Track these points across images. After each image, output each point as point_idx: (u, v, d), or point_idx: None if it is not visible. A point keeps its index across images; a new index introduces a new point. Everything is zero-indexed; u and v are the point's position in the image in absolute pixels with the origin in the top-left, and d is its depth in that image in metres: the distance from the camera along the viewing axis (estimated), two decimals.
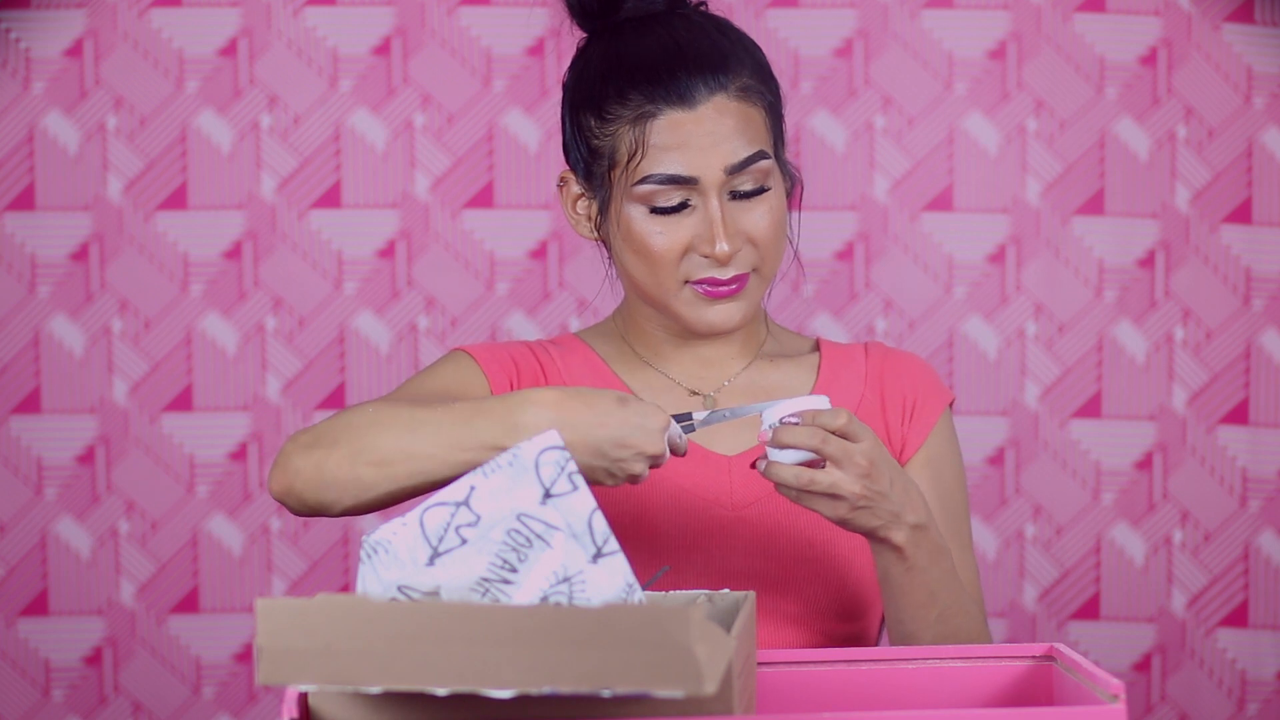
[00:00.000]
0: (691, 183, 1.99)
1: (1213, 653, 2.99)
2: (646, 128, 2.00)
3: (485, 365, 2.08)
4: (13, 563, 2.96)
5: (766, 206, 2.02)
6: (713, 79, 2.00)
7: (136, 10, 2.93)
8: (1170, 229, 2.97)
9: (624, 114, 2.01)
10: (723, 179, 2.00)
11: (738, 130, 2.00)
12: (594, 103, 2.04)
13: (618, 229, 2.04)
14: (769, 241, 2.03)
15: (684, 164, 1.99)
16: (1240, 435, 2.97)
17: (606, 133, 2.03)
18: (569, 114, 2.09)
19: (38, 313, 2.95)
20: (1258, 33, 2.94)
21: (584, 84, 2.06)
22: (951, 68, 2.97)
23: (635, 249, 2.02)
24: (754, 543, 2.03)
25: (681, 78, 2.00)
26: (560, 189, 2.12)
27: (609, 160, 2.03)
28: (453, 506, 1.62)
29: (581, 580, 1.59)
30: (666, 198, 2.00)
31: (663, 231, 2.01)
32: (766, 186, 2.03)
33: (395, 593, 1.59)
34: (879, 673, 1.77)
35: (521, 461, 1.62)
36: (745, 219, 2.01)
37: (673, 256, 2.01)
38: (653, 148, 1.99)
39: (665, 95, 2.00)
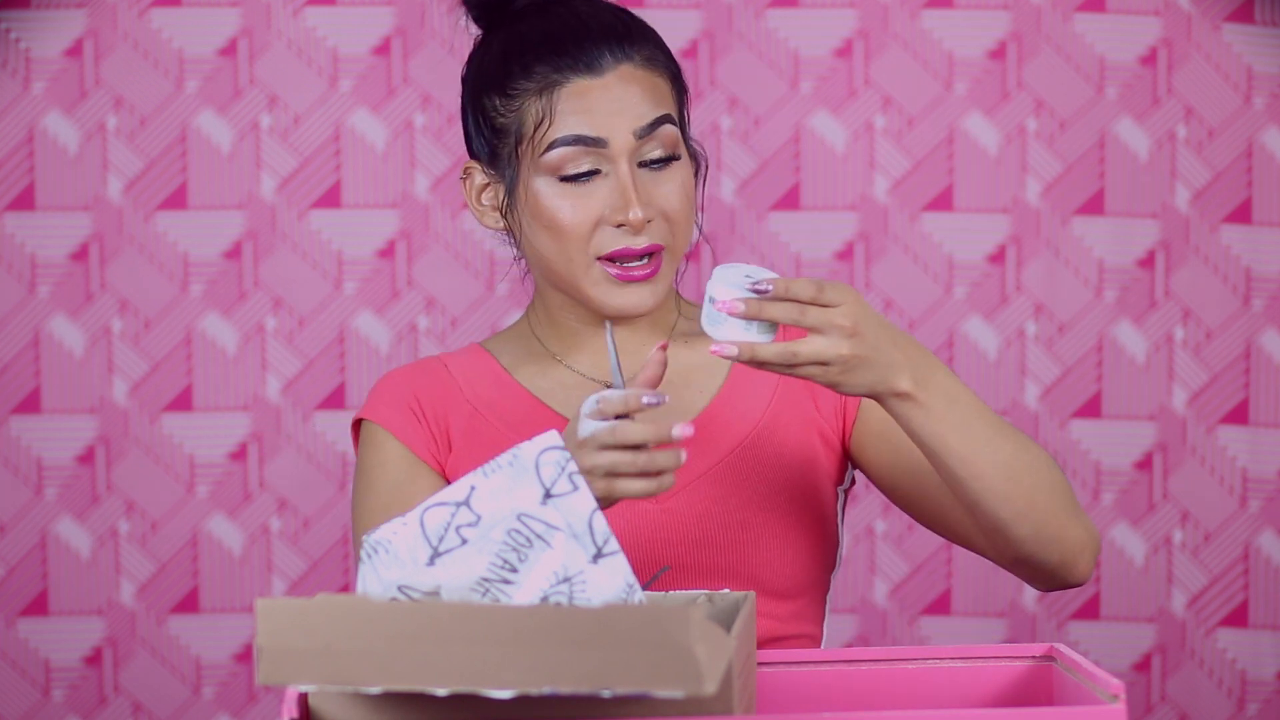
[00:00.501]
0: (600, 145, 1.97)
1: (1213, 653, 2.99)
2: (553, 95, 1.99)
3: (398, 434, 2.06)
4: (13, 563, 2.97)
5: (678, 180, 2.00)
6: (618, 48, 2.00)
7: (136, 10, 2.93)
8: (1170, 229, 2.97)
9: (529, 86, 2.00)
10: (632, 144, 1.98)
11: (644, 96, 1.99)
12: (498, 82, 2.03)
13: (526, 208, 2.02)
14: (680, 215, 2.00)
15: (591, 126, 1.97)
16: (1240, 435, 2.97)
17: (512, 108, 2.01)
18: (470, 103, 2.07)
19: (38, 313, 2.95)
20: (1258, 33, 2.94)
21: (486, 69, 2.05)
22: (951, 68, 2.97)
23: (545, 223, 2.00)
24: (685, 532, 2.00)
25: (587, 46, 1.99)
26: (463, 183, 2.09)
27: (515, 135, 2.01)
28: (453, 506, 1.62)
29: (582, 580, 1.59)
30: (575, 164, 1.98)
31: (572, 204, 1.98)
32: (676, 155, 2.01)
33: (395, 593, 1.59)
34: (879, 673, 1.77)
35: (522, 461, 1.62)
36: (656, 191, 1.99)
37: (583, 230, 1.98)
38: (559, 114, 1.98)
39: (571, 64, 1.99)
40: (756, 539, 2.01)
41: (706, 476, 2.01)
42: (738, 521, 2.01)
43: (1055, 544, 1.89)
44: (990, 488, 1.85)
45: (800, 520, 2.02)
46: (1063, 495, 1.89)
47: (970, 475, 1.84)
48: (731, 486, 2.01)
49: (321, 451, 2.97)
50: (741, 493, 2.00)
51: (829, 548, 2.07)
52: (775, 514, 2.02)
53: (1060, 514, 1.88)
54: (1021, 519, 1.87)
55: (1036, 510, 1.87)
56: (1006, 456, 1.84)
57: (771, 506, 2.00)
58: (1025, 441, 1.87)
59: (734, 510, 2.01)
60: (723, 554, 2.00)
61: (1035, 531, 1.87)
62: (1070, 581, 1.93)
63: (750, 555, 2.00)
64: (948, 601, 2.99)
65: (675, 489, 2.01)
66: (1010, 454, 1.84)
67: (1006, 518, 1.87)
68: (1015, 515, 1.86)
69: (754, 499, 2.00)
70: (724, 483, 2.01)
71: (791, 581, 2.03)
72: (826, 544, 2.06)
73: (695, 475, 2.01)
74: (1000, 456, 1.84)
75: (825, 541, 2.05)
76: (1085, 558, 1.91)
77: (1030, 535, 1.87)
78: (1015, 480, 1.85)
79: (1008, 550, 1.91)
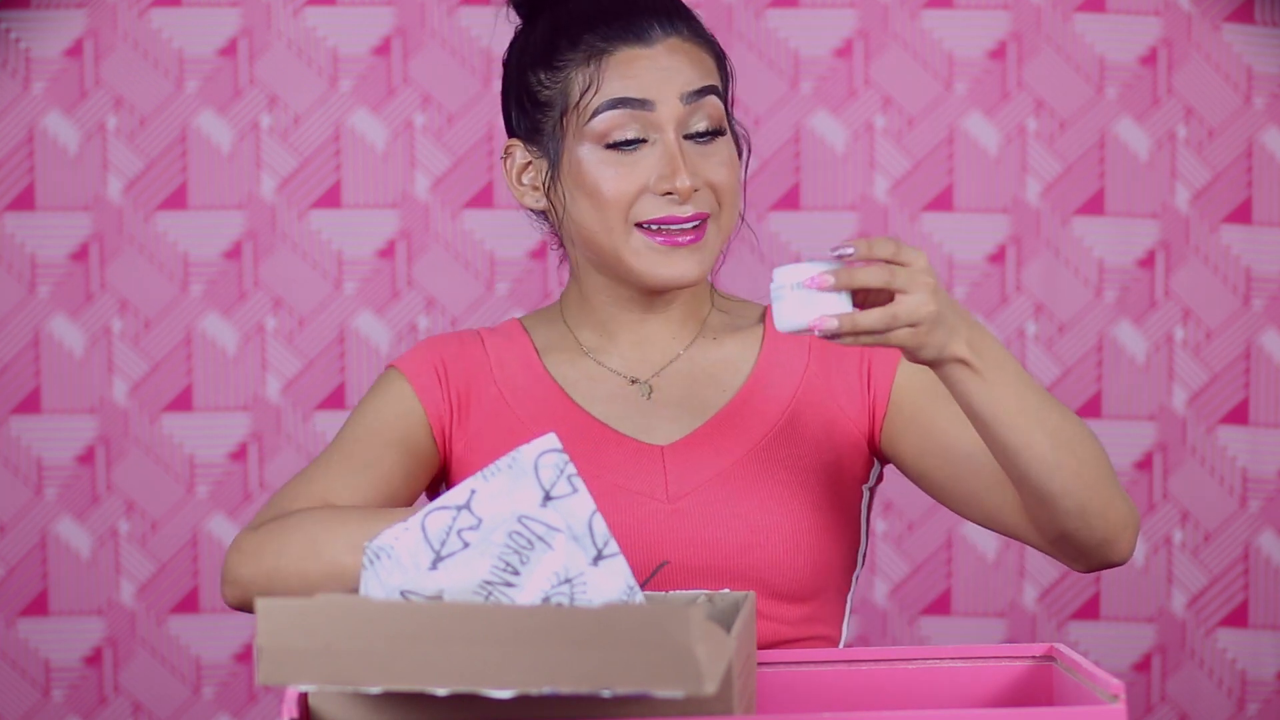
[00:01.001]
0: (646, 107, 1.96)
1: (1213, 653, 2.99)
2: (601, 62, 1.97)
3: (416, 385, 2.06)
4: (13, 563, 2.97)
5: (724, 154, 1.99)
6: (666, 20, 1.99)
7: (136, 10, 2.93)
8: (1170, 229, 2.97)
9: (576, 57, 1.99)
10: (679, 110, 1.97)
11: (691, 65, 1.99)
12: (544, 57, 2.01)
13: (568, 179, 2.00)
14: (727, 188, 1.99)
15: (638, 89, 1.96)
16: (1240, 435, 2.97)
17: (557, 80, 2.00)
18: (513, 82, 2.05)
19: (38, 313, 2.95)
20: (1258, 33, 2.95)
21: (531, 47, 2.03)
22: (951, 68, 2.97)
23: (587, 191, 1.98)
24: (695, 533, 1.98)
25: (635, 17, 1.99)
26: (503, 163, 2.07)
27: (560, 106, 1.99)
28: (454, 510, 1.62)
29: (583, 582, 1.59)
30: (622, 130, 1.96)
31: (617, 171, 1.96)
32: (722, 130, 2.00)
33: (398, 598, 1.59)
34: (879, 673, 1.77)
35: (521, 464, 1.62)
36: (703, 163, 1.98)
37: (626, 198, 1.96)
38: (606, 80, 1.97)
39: (620, 33, 1.98)
40: (766, 542, 1.98)
41: (720, 476, 1.99)
42: (748, 524, 1.98)
43: (1100, 519, 1.87)
44: (1041, 456, 1.83)
45: (815, 523, 2.00)
46: (1106, 469, 1.87)
47: (1023, 444, 1.82)
48: (745, 487, 1.99)
49: (321, 451, 2.97)
50: (756, 494, 1.99)
51: (848, 549, 2.04)
52: (789, 517, 1.99)
53: (1104, 488, 1.86)
54: (1069, 492, 1.85)
55: (1083, 482, 1.85)
56: (1054, 426, 1.83)
57: (785, 509, 1.98)
58: (1067, 412, 1.86)
59: (745, 512, 1.99)
60: (731, 557, 1.98)
61: (1082, 505, 1.85)
62: (1111, 559, 1.91)
63: (759, 558, 1.98)
64: (948, 601, 2.99)
65: (687, 488, 2.00)
66: (1057, 424, 1.83)
67: (1055, 490, 1.85)
68: (1063, 488, 1.84)
69: (767, 501, 1.98)
70: (738, 483, 1.99)
71: (802, 585, 2.00)
72: (845, 545, 2.03)
73: (709, 475, 2.00)
74: (1049, 425, 1.82)
75: (843, 543, 2.03)
76: (1127, 535, 1.89)
77: (1076, 509, 1.86)
78: (1064, 450, 1.83)
79: (1052, 526, 1.88)
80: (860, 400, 2.05)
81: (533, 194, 2.05)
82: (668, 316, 2.06)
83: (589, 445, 2.00)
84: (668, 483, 2.00)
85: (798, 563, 1.99)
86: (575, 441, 2.00)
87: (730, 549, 1.98)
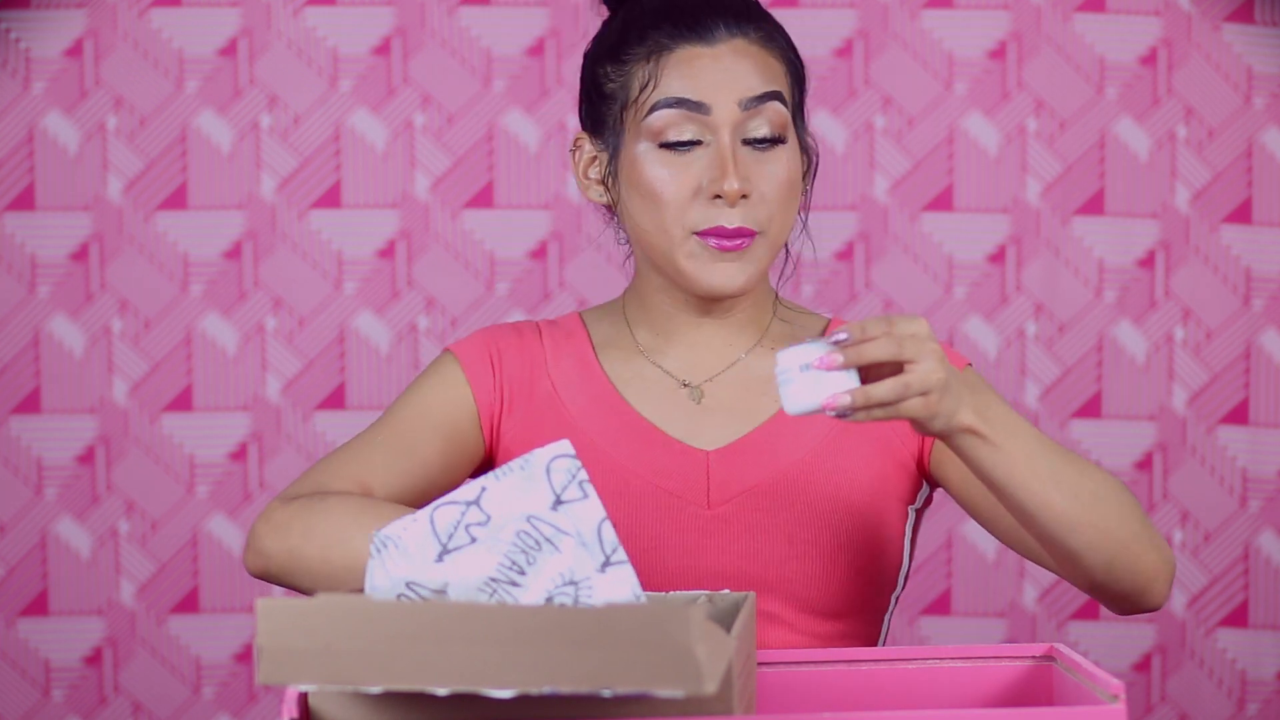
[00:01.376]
0: (702, 110, 1.92)
1: (1213, 653, 2.99)
2: (661, 59, 1.94)
3: (469, 371, 2.05)
4: (13, 563, 2.97)
5: (782, 162, 1.95)
6: (734, 23, 1.96)
7: (136, 10, 2.93)
8: (1170, 229, 2.97)
9: (640, 52, 1.96)
10: (736, 115, 1.93)
11: (755, 69, 1.95)
12: (612, 50, 1.98)
13: (625, 177, 1.97)
14: (778, 199, 1.95)
15: (695, 90, 1.93)
16: (1240, 435, 2.97)
17: (621, 74, 1.97)
18: (586, 73, 2.03)
19: (38, 313, 2.95)
20: (1258, 33, 2.94)
21: (604, 39, 2.01)
22: (951, 68, 2.97)
23: (643, 192, 1.95)
24: (733, 542, 1.97)
25: (702, 15, 1.95)
26: (573, 155, 2.04)
27: (621, 100, 1.97)
28: (463, 505, 1.62)
29: (589, 586, 1.59)
30: (678, 130, 1.93)
31: (670, 173, 1.93)
32: (783, 138, 1.95)
33: (403, 588, 1.59)
34: (879, 673, 1.77)
35: (533, 467, 1.62)
36: (757, 169, 1.94)
37: (680, 200, 1.93)
38: (665, 78, 1.94)
39: (684, 32, 1.95)
40: (804, 555, 1.97)
41: (762, 486, 1.97)
42: (785, 536, 1.97)
43: (1128, 572, 1.84)
44: (1060, 518, 1.81)
45: (854, 540, 1.98)
46: (1134, 521, 1.84)
47: (1039, 507, 1.80)
48: (785, 499, 1.97)
49: (322, 451, 2.97)
50: (795, 506, 1.97)
51: (888, 569, 2.01)
52: (826, 531, 1.97)
53: (1133, 542, 1.83)
54: (1094, 549, 1.82)
55: (1108, 539, 1.82)
56: (1073, 484, 1.80)
57: (824, 524, 1.96)
58: (1089, 467, 1.83)
59: (783, 524, 1.97)
60: (766, 567, 1.97)
61: (1109, 560, 1.83)
62: (1144, 608, 1.88)
63: (794, 571, 1.97)
64: (948, 601, 2.99)
65: (728, 495, 1.98)
66: (1076, 482, 1.81)
67: (1078, 548, 1.82)
68: (1087, 545, 1.82)
69: (806, 514, 1.96)
70: (779, 495, 1.97)
71: (836, 601, 1.98)
72: (884, 565, 2.01)
73: (751, 484, 1.98)
74: (1067, 485, 1.80)
75: (882, 562, 2.00)
76: (1159, 584, 1.87)
77: (1103, 564, 1.83)
78: (1085, 509, 1.81)
79: (1082, 578, 1.86)
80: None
81: (597, 188, 2.03)
82: (725, 322, 2.03)
83: (636, 445, 1.99)
84: (710, 488, 1.98)
85: (833, 579, 1.98)
86: (623, 440, 1.99)
87: (766, 560, 1.97)
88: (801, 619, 1.98)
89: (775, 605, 1.98)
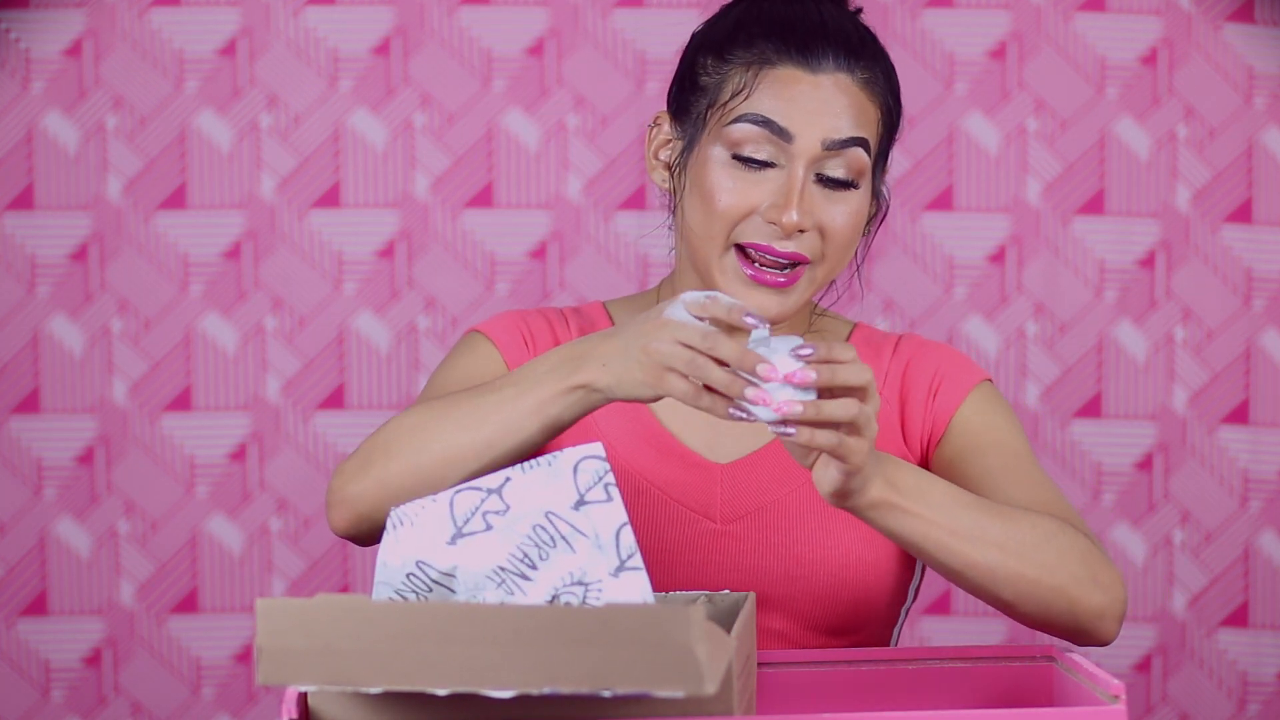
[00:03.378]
0: (785, 138, 1.89)
1: (1213, 653, 2.99)
2: (761, 72, 1.91)
3: (501, 346, 2.03)
4: (12, 563, 2.96)
5: (851, 206, 1.93)
6: (843, 57, 1.92)
7: (136, 10, 2.93)
8: (1170, 229, 2.97)
9: (744, 56, 1.93)
10: (817, 151, 1.90)
11: (849, 110, 1.91)
12: (718, 44, 1.95)
13: (691, 172, 1.94)
14: (839, 238, 1.92)
15: (784, 115, 1.90)
16: (1241, 435, 2.97)
17: (719, 70, 1.94)
18: (689, 55, 2.00)
19: (37, 313, 2.95)
20: (1258, 33, 2.94)
21: (715, 29, 1.98)
22: (951, 68, 2.97)
23: (702, 194, 1.92)
24: (740, 559, 1.96)
25: (814, 42, 1.92)
26: (650, 130, 2.01)
27: (711, 96, 1.94)
28: (484, 493, 1.61)
29: (599, 588, 1.58)
30: (756, 147, 1.90)
31: (735, 184, 1.90)
32: (857, 184, 1.93)
33: (413, 567, 1.59)
34: (879, 673, 1.77)
35: (560, 464, 1.62)
36: (825, 207, 1.91)
37: (735, 213, 1.90)
38: (759, 91, 1.91)
39: (791, 52, 1.91)
40: (810, 574, 1.96)
41: (773, 503, 1.97)
42: (793, 555, 1.96)
43: (1066, 615, 1.83)
44: (987, 573, 1.80)
45: (863, 558, 1.96)
46: (1072, 564, 1.82)
47: (964, 565, 1.79)
48: (796, 517, 1.96)
49: (321, 451, 2.97)
50: (806, 525, 1.96)
51: (897, 584, 2.00)
52: (835, 549, 1.96)
53: (1068, 587, 1.82)
54: (1025, 598, 1.81)
55: (1040, 588, 1.81)
56: (997, 539, 1.79)
57: (833, 542, 1.96)
58: (1018, 518, 1.81)
59: (792, 543, 1.96)
60: (773, 585, 1.96)
61: (1043, 607, 1.82)
62: (1092, 643, 1.87)
63: (801, 590, 1.96)
64: (948, 601, 2.99)
65: (739, 512, 1.97)
66: (1001, 536, 1.79)
67: (1009, 599, 1.82)
68: (1017, 595, 1.81)
69: (816, 533, 1.95)
70: (789, 512, 1.96)
71: (844, 620, 1.97)
72: (894, 581, 2.00)
73: (762, 501, 1.97)
74: (991, 541, 1.79)
75: (892, 578, 1.99)
76: (1104, 623, 1.85)
77: (1038, 611, 1.82)
78: (1012, 560, 1.79)
79: (1023, 621, 1.85)
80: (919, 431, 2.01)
81: (662, 171, 2.00)
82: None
83: (652, 454, 1.98)
84: (721, 503, 1.97)
85: (840, 598, 1.96)
86: (639, 448, 1.98)
87: (773, 578, 1.95)
88: (808, 637, 1.97)
89: (781, 623, 1.97)
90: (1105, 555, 1.85)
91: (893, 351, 2.05)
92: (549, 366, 1.78)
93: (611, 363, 1.74)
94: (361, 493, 1.82)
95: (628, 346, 1.73)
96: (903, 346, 2.06)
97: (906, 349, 2.05)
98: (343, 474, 1.84)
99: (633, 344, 1.72)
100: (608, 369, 1.74)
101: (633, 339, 1.72)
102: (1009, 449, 1.97)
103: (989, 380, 2.03)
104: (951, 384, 2.01)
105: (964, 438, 1.98)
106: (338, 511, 1.84)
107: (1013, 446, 1.97)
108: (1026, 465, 1.96)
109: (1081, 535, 1.84)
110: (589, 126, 2.96)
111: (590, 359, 1.75)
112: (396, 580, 1.61)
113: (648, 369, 1.70)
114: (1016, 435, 1.99)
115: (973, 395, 2.01)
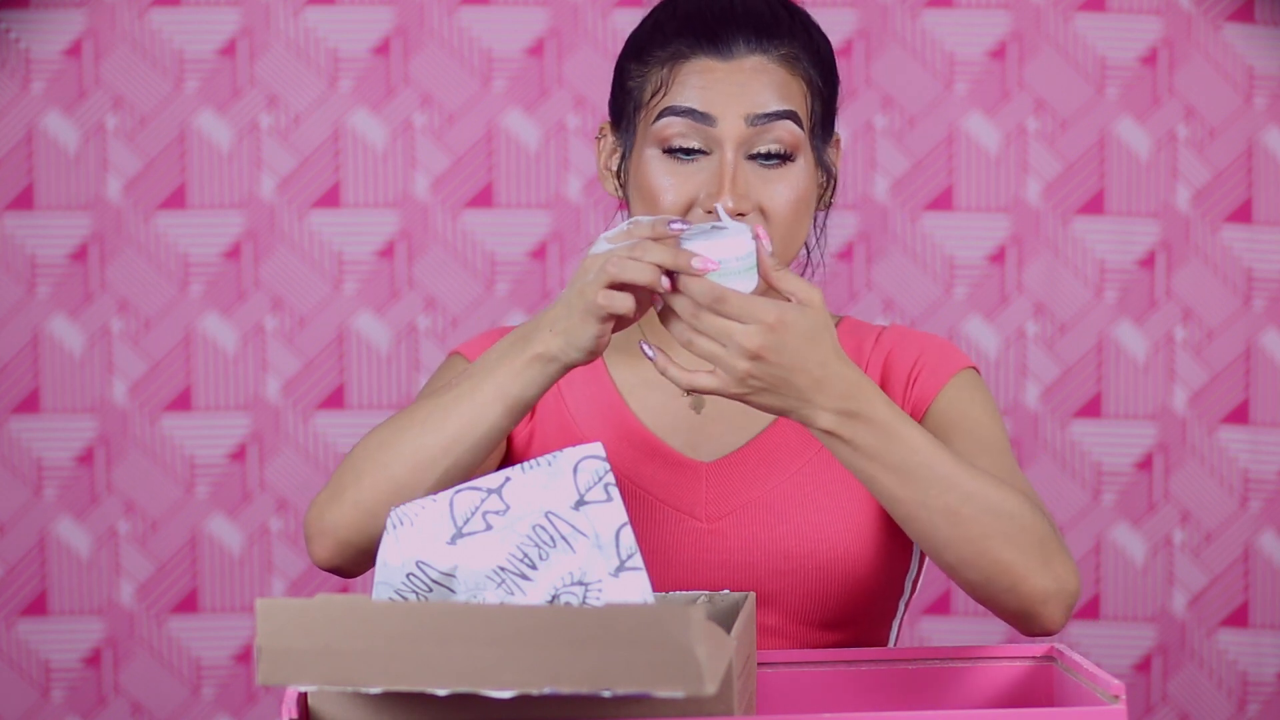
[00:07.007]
0: (708, 122, 1.89)
1: (1213, 653, 2.99)
2: (676, 66, 1.92)
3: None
4: (12, 563, 2.97)
5: (790, 181, 1.91)
6: (755, 39, 1.93)
7: (136, 10, 2.93)
8: (1171, 229, 2.97)
9: (660, 55, 1.94)
10: (742, 130, 1.90)
11: (769, 87, 1.91)
12: (639, 48, 1.97)
13: (634, 176, 1.95)
14: (785, 217, 1.91)
15: (703, 102, 1.90)
16: (1241, 435, 2.97)
17: (641, 73, 1.95)
18: (617, 67, 2.01)
19: (37, 313, 2.95)
20: (1258, 33, 2.94)
21: (637, 34, 2.00)
22: (951, 68, 2.97)
23: (644, 196, 1.92)
24: (728, 557, 1.95)
25: (723, 29, 1.93)
26: (597, 143, 2.03)
27: (637, 99, 1.96)
28: (484, 493, 1.61)
29: (599, 588, 1.58)
30: (683, 138, 1.90)
31: (671, 180, 1.90)
32: (792, 157, 1.92)
33: (412, 567, 1.59)
34: (879, 673, 1.77)
35: (560, 464, 1.62)
36: (761, 187, 1.90)
37: (676, 209, 1.90)
38: (677, 85, 1.91)
39: (703, 44, 1.92)
40: (801, 569, 1.95)
41: (760, 500, 1.96)
42: (781, 551, 1.95)
43: (1010, 594, 1.80)
44: (928, 532, 1.78)
45: (853, 552, 1.95)
46: (1024, 543, 1.79)
47: (905, 516, 1.78)
48: (783, 513, 1.95)
49: (321, 451, 2.97)
50: (793, 520, 1.95)
51: (893, 577, 1.99)
52: (824, 544, 1.95)
53: (1016, 564, 1.78)
54: (967, 565, 1.78)
55: (984, 559, 1.78)
56: (950, 501, 1.76)
57: (822, 536, 1.94)
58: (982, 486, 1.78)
59: (780, 539, 1.95)
60: (763, 582, 1.95)
61: (985, 579, 1.79)
62: (1034, 631, 1.83)
63: (791, 585, 1.95)
64: (948, 601, 2.99)
65: (726, 509, 1.97)
66: (957, 499, 1.76)
67: (951, 562, 1.79)
68: (959, 561, 1.78)
69: (804, 528, 1.94)
70: (776, 508, 1.95)
71: (836, 614, 1.96)
72: (889, 574, 1.98)
73: (749, 497, 1.97)
74: (941, 501, 1.76)
75: (887, 571, 1.98)
76: (1049, 609, 1.81)
77: (980, 582, 1.80)
78: (958, 526, 1.77)
79: (966, 591, 1.83)
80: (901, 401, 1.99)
81: (612, 181, 2.01)
82: None
83: (635, 455, 1.98)
84: (707, 502, 1.97)
85: (831, 592, 1.96)
86: (622, 449, 1.98)
87: (762, 575, 1.95)
88: (802, 631, 1.96)
89: (774, 619, 1.96)
90: (1065, 547, 1.83)
91: (875, 341, 2.04)
92: (501, 351, 1.79)
93: (557, 324, 1.75)
94: (339, 519, 1.81)
95: (568, 302, 1.75)
96: (886, 336, 2.05)
97: (889, 338, 2.05)
98: (317, 505, 1.83)
99: (572, 298, 1.74)
100: (555, 332, 1.75)
101: (570, 294, 1.75)
102: (981, 435, 1.95)
103: (973, 368, 2.01)
104: (931, 371, 2.00)
105: (939, 419, 1.97)
106: (318, 543, 1.83)
107: (987, 433, 1.96)
108: (996, 453, 1.93)
109: (1044, 520, 1.82)
110: (589, 127, 2.96)
111: (538, 330, 1.77)
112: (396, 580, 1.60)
113: (591, 309, 1.72)
114: (993, 423, 1.97)
115: (954, 381, 2.00)
